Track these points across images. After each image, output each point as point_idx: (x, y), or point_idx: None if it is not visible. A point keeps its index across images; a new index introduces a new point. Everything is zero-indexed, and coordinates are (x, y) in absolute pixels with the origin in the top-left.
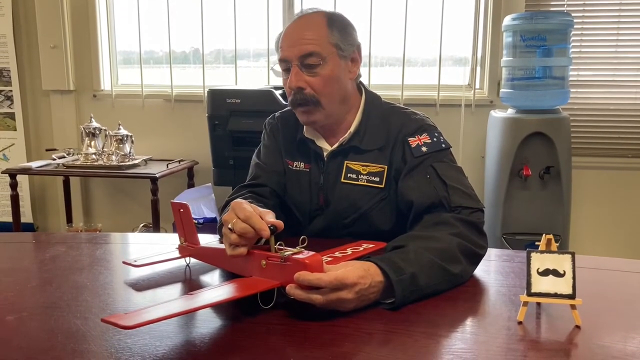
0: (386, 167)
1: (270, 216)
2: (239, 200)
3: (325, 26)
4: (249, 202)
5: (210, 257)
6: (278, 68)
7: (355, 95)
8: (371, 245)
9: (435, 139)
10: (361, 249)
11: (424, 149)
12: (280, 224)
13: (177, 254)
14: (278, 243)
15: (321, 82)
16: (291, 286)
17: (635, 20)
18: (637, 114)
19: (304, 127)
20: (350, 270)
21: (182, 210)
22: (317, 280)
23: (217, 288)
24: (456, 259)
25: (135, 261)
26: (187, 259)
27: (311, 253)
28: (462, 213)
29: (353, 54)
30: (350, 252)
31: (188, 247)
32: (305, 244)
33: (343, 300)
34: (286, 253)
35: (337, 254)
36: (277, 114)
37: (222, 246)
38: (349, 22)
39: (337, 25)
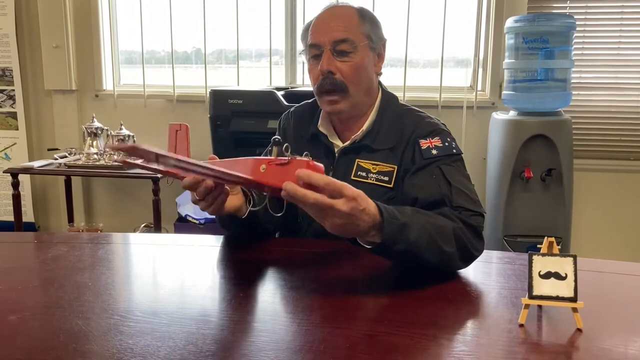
0: (396, 167)
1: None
2: None
3: (357, 17)
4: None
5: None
6: (306, 57)
7: (376, 92)
8: None
9: (447, 144)
10: None
11: (434, 151)
12: None
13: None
14: (285, 148)
15: (351, 69)
16: (288, 182)
17: (637, 22)
18: (639, 116)
19: (319, 120)
20: (351, 187)
21: (178, 130)
22: (318, 179)
23: (224, 162)
24: (449, 241)
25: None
26: (170, 179)
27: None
28: (462, 214)
29: (380, 49)
30: None
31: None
32: (309, 157)
33: (335, 211)
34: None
35: None
36: (292, 109)
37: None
38: (377, 18)
39: (368, 18)
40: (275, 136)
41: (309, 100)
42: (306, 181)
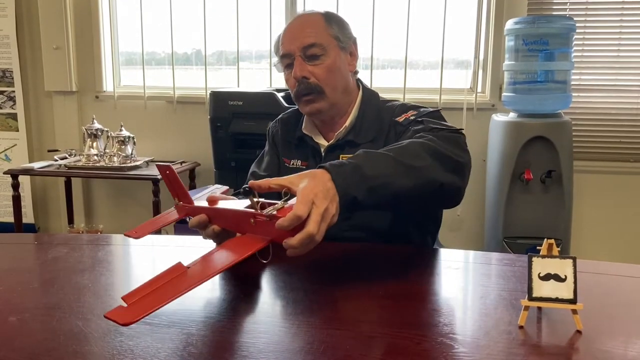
0: None
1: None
2: None
3: (323, 21)
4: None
5: (206, 214)
6: (280, 68)
7: (355, 90)
8: None
9: (422, 109)
10: None
11: (412, 117)
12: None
13: (176, 215)
14: (260, 201)
15: (324, 71)
16: (285, 241)
17: (637, 24)
18: (638, 118)
19: (303, 123)
20: (303, 188)
21: (168, 172)
22: (289, 223)
23: (212, 255)
24: (417, 156)
25: (136, 232)
26: (187, 218)
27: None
28: (437, 133)
29: (351, 48)
30: None
31: (184, 207)
32: (287, 197)
33: (325, 217)
34: (270, 211)
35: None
36: (279, 116)
37: (216, 205)
38: (344, 19)
39: (334, 21)
40: (245, 185)
41: (295, 107)
42: (286, 228)
